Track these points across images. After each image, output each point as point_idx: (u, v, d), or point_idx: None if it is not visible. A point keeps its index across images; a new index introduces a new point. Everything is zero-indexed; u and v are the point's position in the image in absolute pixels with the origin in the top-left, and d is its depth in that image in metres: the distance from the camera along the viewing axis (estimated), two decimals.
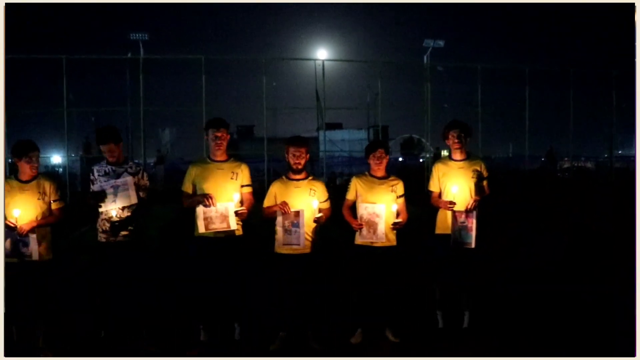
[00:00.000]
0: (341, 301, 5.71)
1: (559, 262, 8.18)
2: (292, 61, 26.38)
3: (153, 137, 25.77)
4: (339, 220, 5.35)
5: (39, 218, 4.93)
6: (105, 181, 5.02)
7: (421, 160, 29.34)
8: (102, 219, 5.05)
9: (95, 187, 5.06)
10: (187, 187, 5.17)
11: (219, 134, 5.12)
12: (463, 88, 25.59)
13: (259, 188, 6.56)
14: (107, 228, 5.02)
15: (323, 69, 22.98)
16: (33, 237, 4.86)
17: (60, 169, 25.90)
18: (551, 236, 10.53)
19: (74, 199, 22.26)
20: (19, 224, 4.79)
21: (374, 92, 26.25)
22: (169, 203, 8.10)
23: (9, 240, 4.83)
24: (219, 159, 5.18)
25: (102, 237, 5.07)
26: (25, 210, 4.86)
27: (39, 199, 4.95)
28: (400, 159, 31.52)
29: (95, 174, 5.12)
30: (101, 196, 4.95)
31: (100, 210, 5.02)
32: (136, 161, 5.30)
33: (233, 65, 24.66)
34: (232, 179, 5.09)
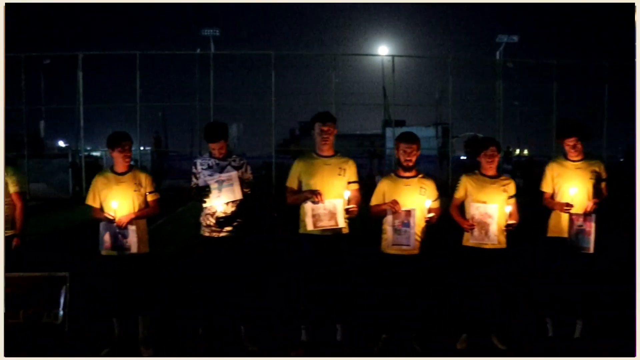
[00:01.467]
0: (446, 304, 5.48)
1: None
2: (354, 58, 26.21)
3: None
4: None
5: (136, 210, 4.90)
6: (209, 175, 4.91)
7: None
8: (206, 214, 4.96)
9: (199, 182, 4.97)
10: (293, 183, 5.03)
11: (325, 128, 4.95)
12: (535, 85, 24.81)
13: None
14: (212, 223, 4.92)
15: (393, 64, 22.69)
16: (132, 230, 4.83)
17: (132, 163, 26.43)
18: None
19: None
20: (117, 216, 4.77)
21: (439, 89, 25.82)
22: None
23: (107, 233, 4.83)
24: (325, 154, 5.01)
25: (205, 231, 4.98)
26: (122, 202, 4.84)
27: (135, 190, 4.93)
28: (463, 157, 30.89)
29: (199, 167, 5.02)
30: (206, 191, 4.85)
31: (205, 205, 4.92)
32: (238, 154, 5.17)
33: (301, 61, 24.61)
34: (339, 175, 4.92)
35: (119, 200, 4.81)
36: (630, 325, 4.77)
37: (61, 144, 36.65)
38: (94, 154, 29.38)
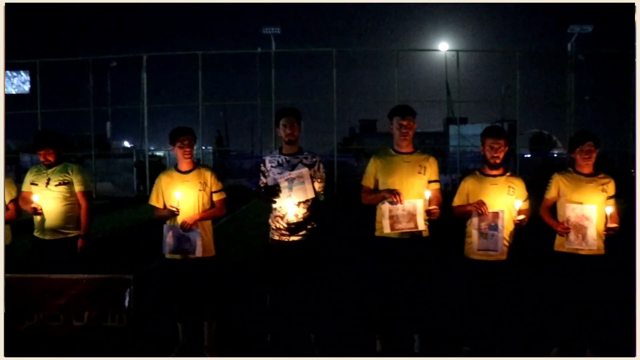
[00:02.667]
0: (536, 316, 5.01)
1: None
2: (414, 54, 25.58)
3: None
4: None
5: (201, 211, 4.64)
6: (278, 173, 4.56)
7: (555, 155, 27.49)
8: (276, 216, 4.62)
9: (268, 181, 4.65)
10: (369, 182, 4.65)
11: (404, 122, 4.56)
12: (610, 78, 23.55)
13: None
14: (282, 226, 4.59)
15: (457, 59, 22.02)
16: (197, 233, 4.56)
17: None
18: None
19: None
20: (181, 209, 4.52)
21: (505, 84, 24.91)
22: None
23: (170, 234, 4.58)
24: (404, 150, 4.62)
25: (274, 234, 4.65)
26: (186, 202, 4.58)
27: (200, 190, 4.65)
28: (527, 155, 29.73)
29: (267, 164, 4.69)
30: (275, 190, 4.50)
31: (275, 206, 4.60)
32: (310, 152, 4.81)
33: (362, 58, 24.21)
34: (419, 173, 4.52)
35: (182, 200, 4.55)
36: (631, 325, 4.35)
37: (126, 144, 37.54)
38: (157, 153, 29.87)
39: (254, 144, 35.05)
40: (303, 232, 4.58)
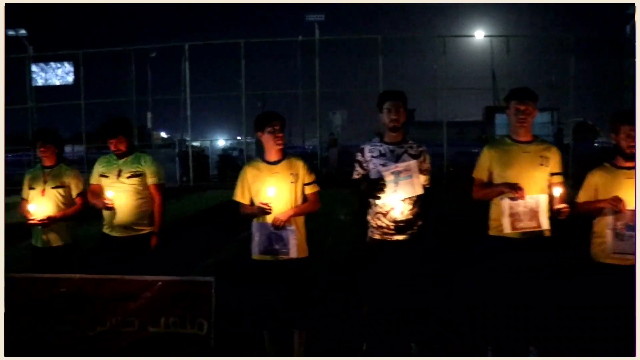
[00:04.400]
0: None
1: None
2: (456, 40, 24.74)
3: (323, 120, 25.30)
4: None
5: (294, 206, 4.14)
6: (381, 165, 4.06)
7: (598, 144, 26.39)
8: (377, 213, 4.12)
9: (371, 173, 4.13)
10: (482, 174, 4.11)
11: (522, 107, 3.99)
12: None
13: None
14: (384, 224, 4.09)
15: (508, 46, 21.19)
16: (291, 231, 4.06)
17: (235, 152, 26.41)
18: None
19: None
20: (274, 207, 4.03)
21: (555, 71, 23.93)
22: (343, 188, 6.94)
23: (260, 233, 4.11)
24: (522, 139, 4.05)
25: (375, 233, 4.16)
26: (278, 196, 4.06)
27: (292, 182, 4.13)
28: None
29: (367, 154, 4.17)
30: (380, 185, 3.98)
31: (378, 202, 4.09)
32: (416, 141, 4.26)
33: (407, 45, 23.54)
34: (541, 165, 3.96)
35: (275, 190, 4.05)
36: (630, 325, 3.88)
37: (163, 134, 37.46)
38: (194, 144, 29.71)
39: (291, 135, 34.75)
40: (410, 231, 4.08)
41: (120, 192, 4.53)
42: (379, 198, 4.01)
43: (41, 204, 4.62)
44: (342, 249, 8.19)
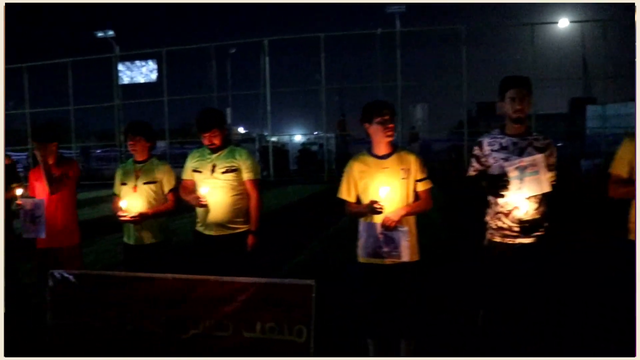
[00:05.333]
0: None
1: None
2: (535, 30, 23.45)
3: (404, 113, 24.71)
4: None
5: (405, 204, 3.73)
6: (502, 159, 3.58)
7: None
8: (498, 212, 3.65)
9: (492, 168, 3.65)
10: (622, 169, 3.51)
11: None
12: None
13: None
14: (506, 225, 3.62)
15: (605, 31, 19.85)
16: (403, 232, 3.64)
17: (314, 147, 26.26)
18: None
19: (332, 178, 22.30)
20: (385, 207, 3.62)
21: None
22: None
23: (366, 234, 3.72)
24: None
25: (495, 235, 3.68)
26: (389, 193, 3.64)
27: (403, 178, 3.72)
28: None
29: (486, 148, 3.69)
30: (504, 181, 3.49)
31: (500, 200, 3.61)
32: (540, 132, 3.74)
33: (492, 34, 22.60)
34: None
35: (388, 190, 3.65)
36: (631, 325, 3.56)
37: (241, 130, 37.86)
38: (272, 139, 29.85)
39: None
40: (535, 233, 3.59)
41: (214, 188, 4.26)
42: (501, 196, 3.53)
43: (133, 200, 4.44)
44: (437, 251, 7.73)
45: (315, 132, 34.24)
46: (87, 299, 4.20)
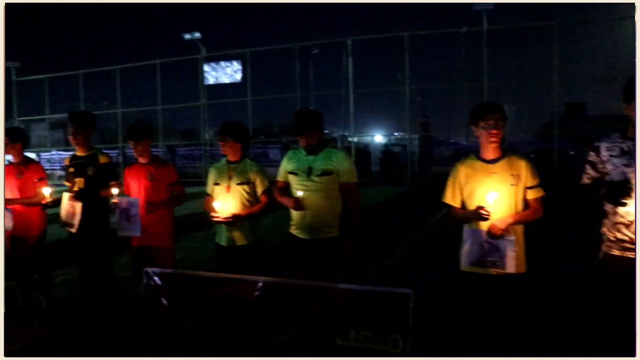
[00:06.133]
0: None
1: None
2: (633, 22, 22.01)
3: None
4: None
5: (514, 212, 3.51)
6: (625, 165, 3.24)
7: None
8: (616, 223, 3.31)
9: (613, 175, 3.30)
10: None
11: None
12: None
13: None
14: (627, 237, 3.27)
15: None
16: (510, 241, 3.41)
17: (396, 148, 25.91)
18: None
19: (415, 180, 21.94)
20: (492, 214, 3.41)
21: None
22: None
23: (470, 241, 3.49)
24: None
25: (613, 248, 3.33)
26: (496, 200, 3.44)
27: (512, 184, 3.50)
28: None
29: (604, 153, 3.36)
30: (626, 188, 3.14)
31: (621, 210, 3.27)
32: None
33: (587, 29, 21.48)
34: None
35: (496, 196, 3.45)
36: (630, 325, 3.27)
37: None
38: (353, 139, 29.72)
39: (451, 129, 33.46)
40: None
41: (310, 191, 4.15)
42: (623, 205, 3.21)
43: (226, 200, 4.40)
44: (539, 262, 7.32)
45: (396, 133, 33.89)
46: (179, 298, 4.21)
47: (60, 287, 6.67)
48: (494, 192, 3.38)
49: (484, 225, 3.44)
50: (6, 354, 4.18)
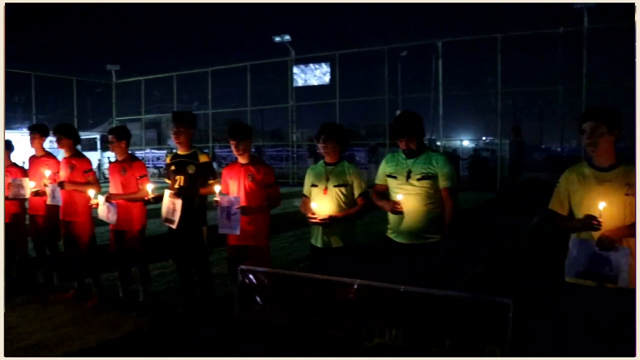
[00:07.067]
0: None
1: None
2: None
3: None
4: None
5: (628, 223, 3.29)
6: None
7: None
8: None
9: None
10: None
11: None
12: None
13: None
14: None
15: None
16: (624, 253, 3.20)
17: (485, 153, 25.24)
18: None
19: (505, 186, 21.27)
20: (603, 227, 3.22)
21: None
22: None
23: (577, 251, 3.30)
24: None
25: None
26: (609, 210, 3.25)
27: (627, 194, 3.28)
28: None
29: None
30: None
31: None
32: None
33: None
34: None
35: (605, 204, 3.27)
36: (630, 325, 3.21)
37: None
38: (440, 143, 29.25)
39: (543, 134, 32.18)
40: None
41: (409, 195, 4.09)
42: None
43: (323, 202, 4.41)
44: None
45: (484, 138, 32.96)
46: (272, 297, 4.26)
47: (156, 280, 6.94)
48: (604, 202, 3.21)
49: (595, 236, 3.27)
50: (102, 344, 4.34)
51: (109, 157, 32.57)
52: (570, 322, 3.50)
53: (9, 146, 6.89)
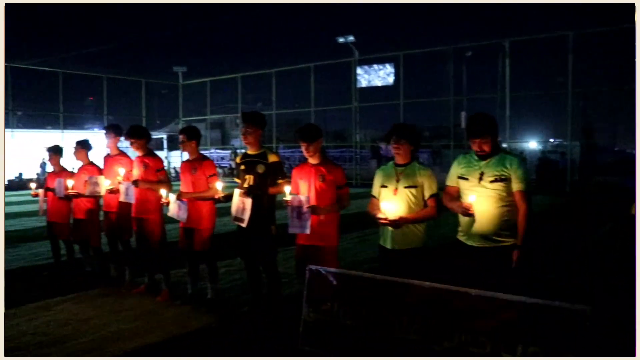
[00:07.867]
0: None
1: None
2: None
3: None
4: None
5: None
6: None
7: None
8: None
9: None
10: None
11: None
12: None
13: None
14: None
15: None
16: None
17: (553, 155, 24.47)
18: None
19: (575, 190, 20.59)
20: None
21: None
22: None
23: None
24: None
25: None
26: None
27: None
28: None
29: None
30: None
31: None
32: None
33: None
34: None
35: None
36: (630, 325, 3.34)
37: None
38: (506, 145, 28.57)
39: (616, 137, 30.96)
40: None
41: (481, 197, 4.01)
42: None
43: (393, 203, 4.38)
44: None
45: (552, 139, 31.95)
46: (341, 298, 4.26)
47: (222, 278, 7.08)
48: None
49: None
50: (171, 340, 4.44)
51: (172, 156, 33.43)
52: None
53: (87, 145, 7.18)
